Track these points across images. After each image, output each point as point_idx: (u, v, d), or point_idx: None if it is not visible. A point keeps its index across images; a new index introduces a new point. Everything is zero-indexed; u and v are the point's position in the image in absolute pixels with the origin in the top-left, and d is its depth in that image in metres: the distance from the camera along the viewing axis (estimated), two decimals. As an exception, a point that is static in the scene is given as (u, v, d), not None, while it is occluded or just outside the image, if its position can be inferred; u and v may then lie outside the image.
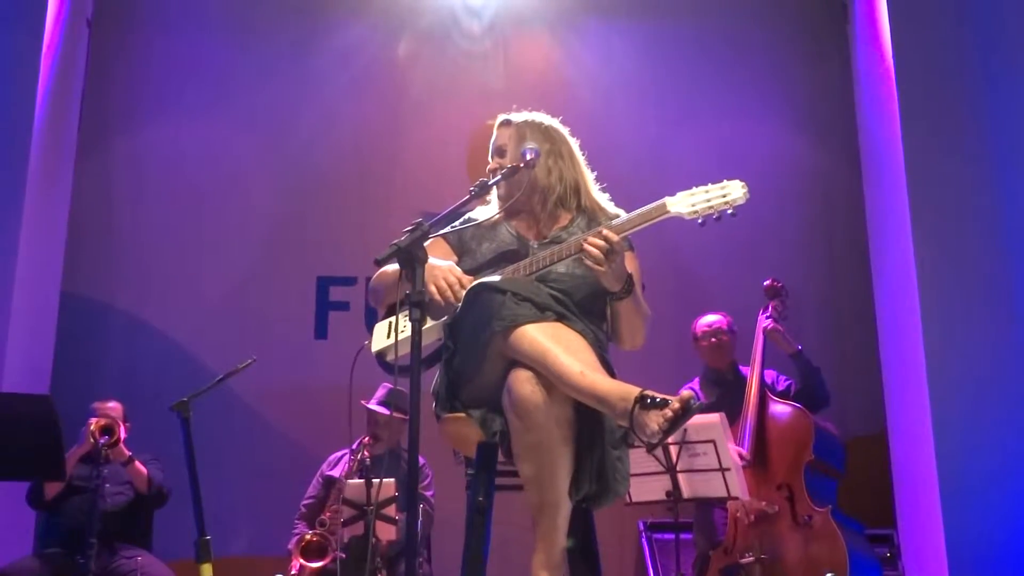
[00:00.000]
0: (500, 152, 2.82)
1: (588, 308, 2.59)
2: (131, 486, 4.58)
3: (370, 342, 2.68)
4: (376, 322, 2.73)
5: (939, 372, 4.20)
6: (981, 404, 4.15)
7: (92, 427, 4.41)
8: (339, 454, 4.80)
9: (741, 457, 4.13)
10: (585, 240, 2.47)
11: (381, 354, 2.64)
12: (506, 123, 2.85)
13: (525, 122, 2.83)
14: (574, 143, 2.85)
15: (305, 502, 4.77)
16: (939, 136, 4.46)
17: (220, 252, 5.72)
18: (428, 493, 4.66)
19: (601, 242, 2.44)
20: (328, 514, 4.51)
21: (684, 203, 2.48)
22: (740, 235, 5.39)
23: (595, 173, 2.86)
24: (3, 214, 4.60)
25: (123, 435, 4.51)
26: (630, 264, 2.60)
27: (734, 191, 2.46)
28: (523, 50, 6.06)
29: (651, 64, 6.00)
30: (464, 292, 2.50)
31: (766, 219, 5.54)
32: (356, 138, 5.94)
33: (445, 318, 2.53)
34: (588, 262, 2.47)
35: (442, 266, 2.57)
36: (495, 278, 2.50)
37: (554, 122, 2.86)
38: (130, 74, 5.91)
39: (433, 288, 2.50)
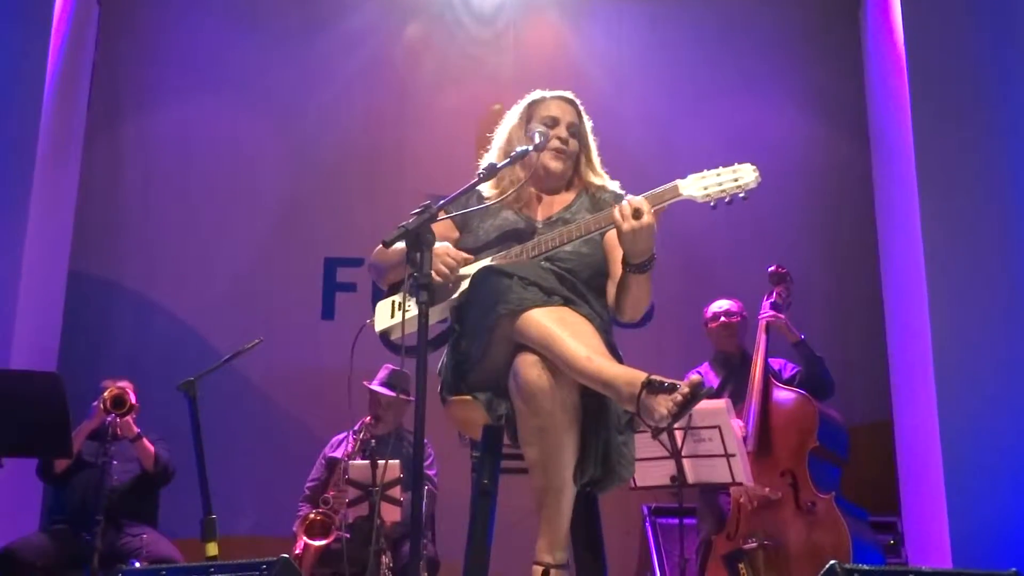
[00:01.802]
0: (571, 128, 2.80)
1: (593, 286, 2.60)
2: (138, 463, 4.60)
3: (372, 320, 2.67)
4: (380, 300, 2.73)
5: (945, 360, 4.19)
6: (987, 392, 4.14)
7: (104, 395, 4.43)
8: (341, 436, 4.81)
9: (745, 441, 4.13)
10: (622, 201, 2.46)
11: (386, 333, 2.64)
12: (569, 101, 2.82)
13: (578, 104, 2.83)
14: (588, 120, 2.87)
15: (309, 484, 4.79)
16: (949, 122, 4.43)
17: (228, 233, 5.73)
18: (431, 472, 4.67)
19: (636, 204, 2.43)
20: (332, 492, 4.53)
21: (696, 186, 2.47)
22: (748, 219, 5.36)
23: (602, 156, 2.87)
24: (12, 194, 4.61)
25: (134, 401, 4.51)
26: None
27: (746, 175, 2.45)
28: (532, 34, 6.03)
29: (661, 47, 5.97)
30: (463, 269, 2.50)
31: (775, 204, 5.51)
32: (365, 120, 5.93)
33: (451, 299, 2.53)
34: (616, 216, 2.42)
35: (438, 248, 2.55)
36: (502, 262, 2.49)
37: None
38: (140, 54, 5.90)
39: (433, 272, 2.49)
